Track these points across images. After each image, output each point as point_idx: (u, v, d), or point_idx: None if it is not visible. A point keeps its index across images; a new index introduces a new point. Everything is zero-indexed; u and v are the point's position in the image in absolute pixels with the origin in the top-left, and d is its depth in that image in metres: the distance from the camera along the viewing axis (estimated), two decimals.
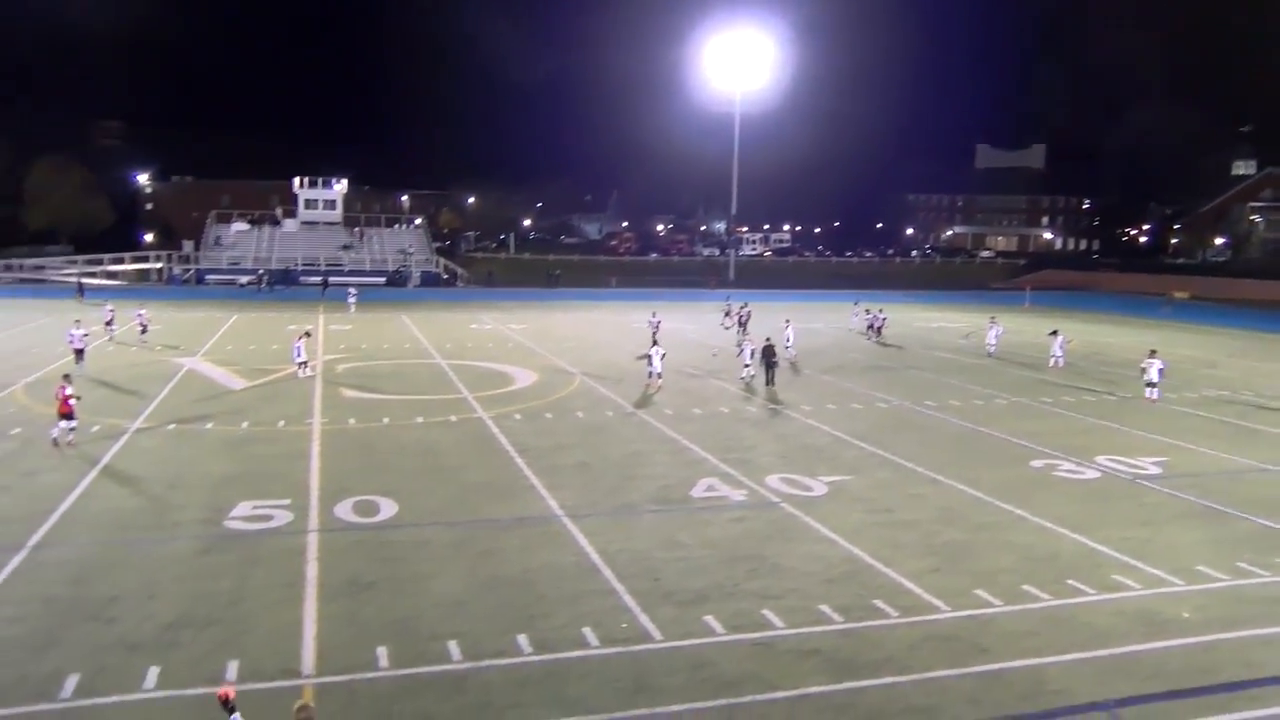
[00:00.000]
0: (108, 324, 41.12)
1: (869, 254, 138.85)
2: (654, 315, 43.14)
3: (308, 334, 34.80)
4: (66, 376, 23.24)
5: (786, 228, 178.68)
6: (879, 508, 18.78)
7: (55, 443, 21.88)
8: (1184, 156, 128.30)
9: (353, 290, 59.43)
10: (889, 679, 11.72)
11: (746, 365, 33.23)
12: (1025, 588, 14.70)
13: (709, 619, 13.30)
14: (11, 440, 22.46)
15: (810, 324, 53.83)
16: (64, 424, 21.82)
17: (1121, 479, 21.30)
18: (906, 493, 19.90)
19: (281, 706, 10.67)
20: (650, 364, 31.62)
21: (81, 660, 11.65)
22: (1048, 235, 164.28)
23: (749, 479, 20.53)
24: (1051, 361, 38.09)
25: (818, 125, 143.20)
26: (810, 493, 19.65)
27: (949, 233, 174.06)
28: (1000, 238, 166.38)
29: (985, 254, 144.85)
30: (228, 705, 8.23)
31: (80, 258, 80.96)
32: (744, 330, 44.47)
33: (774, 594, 14.27)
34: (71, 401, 21.60)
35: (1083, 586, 14.77)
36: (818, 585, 14.67)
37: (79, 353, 32.15)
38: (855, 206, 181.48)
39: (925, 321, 58.45)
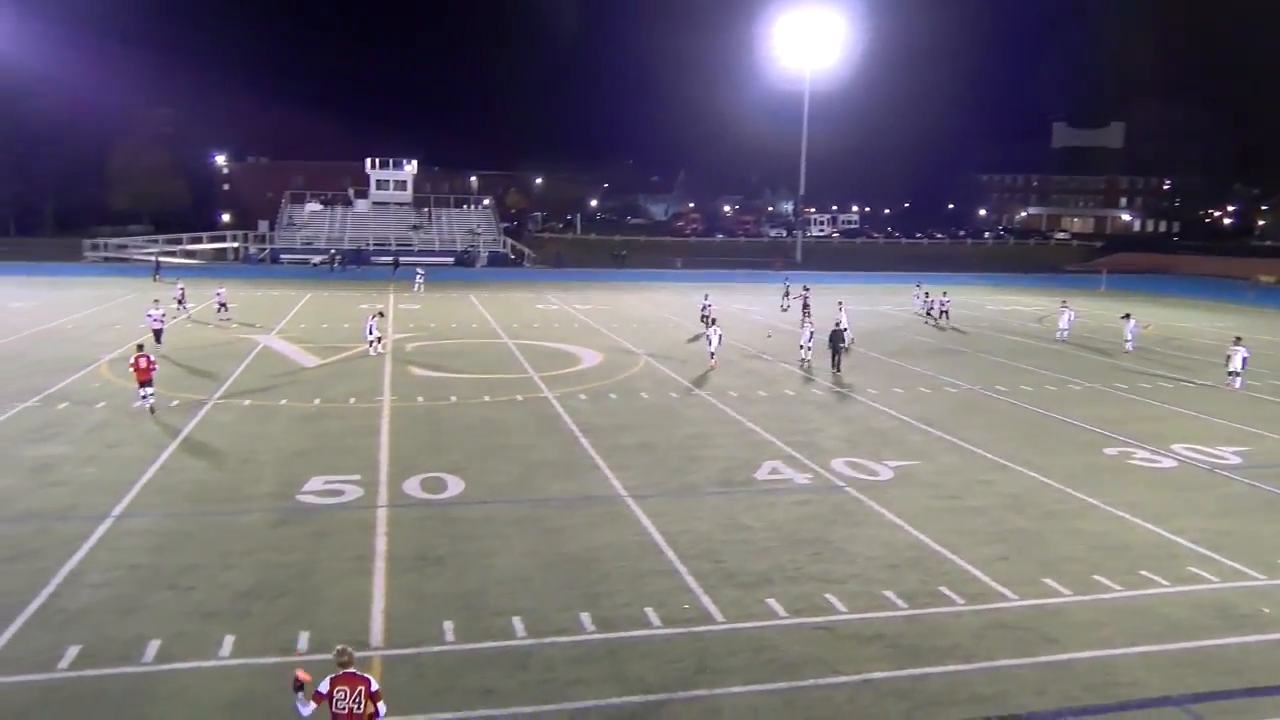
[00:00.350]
0: (179, 302, 42.05)
1: (939, 236, 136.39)
2: (706, 298, 42.81)
3: (381, 313, 35.43)
4: (140, 347, 24.45)
5: (855, 209, 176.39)
6: (946, 493, 18.52)
7: (152, 410, 23.18)
8: (1272, 134, 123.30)
9: (420, 271, 60.27)
10: (953, 666, 11.58)
11: (803, 347, 32.80)
12: (1096, 577, 14.39)
13: (771, 602, 13.27)
14: (98, 413, 23.28)
15: (877, 306, 53.25)
16: (144, 390, 23.14)
17: (1200, 468, 20.69)
18: (974, 479, 19.59)
19: None
20: (709, 344, 31.93)
21: (161, 626, 12.07)
22: (1126, 217, 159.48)
23: (813, 462, 20.40)
24: (1127, 347, 37.16)
25: (888, 104, 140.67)
26: (876, 477, 19.46)
27: (1022, 214, 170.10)
28: (1076, 219, 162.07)
29: (1060, 236, 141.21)
30: (299, 688, 8.38)
31: (160, 237, 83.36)
32: (807, 313, 43.98)
33: (837, 578, 14.18)
34: (150, 370, 23.12)
35: (1156, 578, 14.42)
36: (882, 570, 14.55)
37: (157, 333, 32.62)
38: (925, 187, 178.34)
39: (998, 305, 57.30)
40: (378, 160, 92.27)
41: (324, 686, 8.38)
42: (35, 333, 36.13)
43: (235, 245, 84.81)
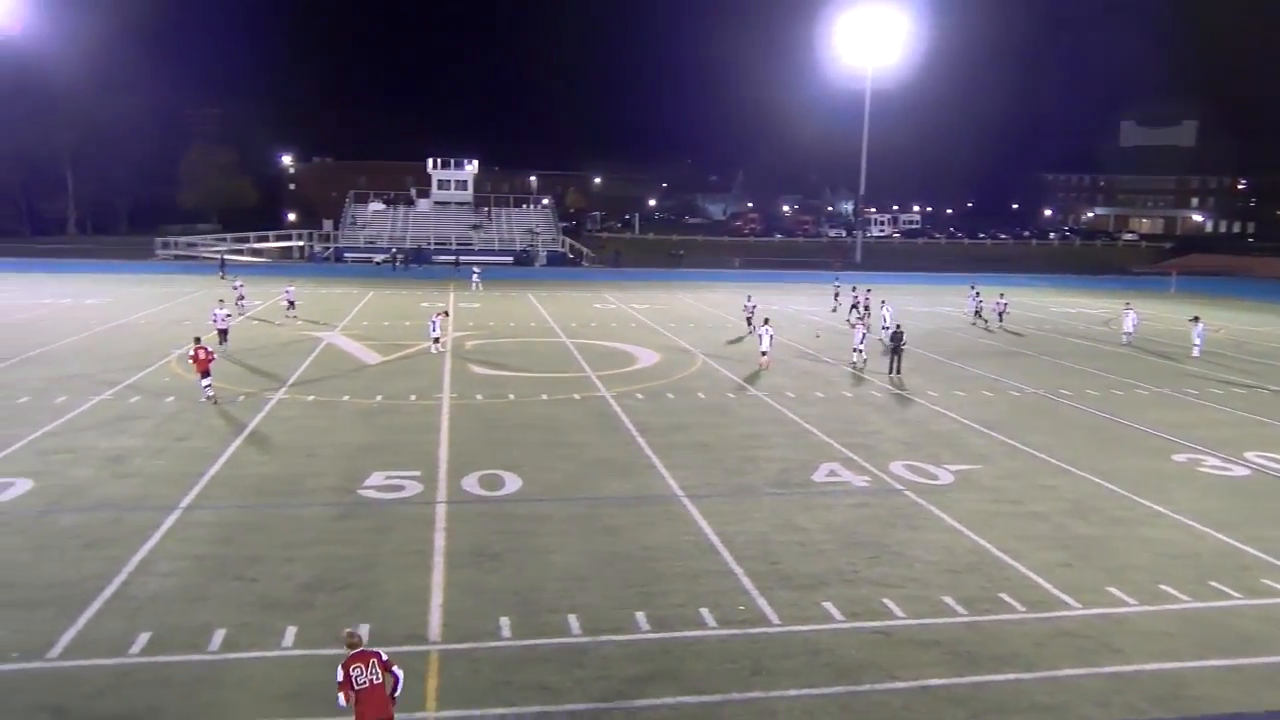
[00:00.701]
0: (239, 300, 42.86)
1: (1003, 236, 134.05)
2: (749, 298, 42.33)
3: (446, 313, 35.87)
4: (197, 340, 25.28)
5: (916, 208, 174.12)
6: (1008, 498, 18.22)
7: (214, 401, 24.17)
8: None
9: (476, 270, 60.83)
10: (1013, 675, 11.40)
11: (857, 350, 32.37)
12: (1162, 587, 14.06)
13: (827, 605, 13.18)
14: (167, 406, 23.92)
15: (938, 307, 52.53)
16: (204, 381, 24.36)
17: (1273, 476, 20.09)
18: (1037, 483, 19.24)
19: (409, 670, 11.11)
20: (761, 343, 31.86)
21: (227, 616, 12.37)
22: (1197, 217, 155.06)
23: (872, 465, 20.20)
24: (1195, 351, 36.21)
25: (951, 101, 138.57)
26: (935, 481, 19.21)
27: (1089, 214, 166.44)
28: (1145, 220, 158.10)
29: (1128, 236, 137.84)
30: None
31: (228, 235, 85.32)
32: (862, 314, 43.51)
33: (895, 582, 14.04)
34: (209, 361, 24.39)
35: (1226, 589, 14.03)
36: (941, 575, 14.36)
37: (222, 333, 32.54)
38: (989, 186, 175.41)
39: (1062, 307, 56.17)
40: (439, 160, 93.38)
41: (340, 673, 8.85)
42: (109, 328, 37.23)
43: (300, 244, 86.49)
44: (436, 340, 33.33)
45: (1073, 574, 14.51)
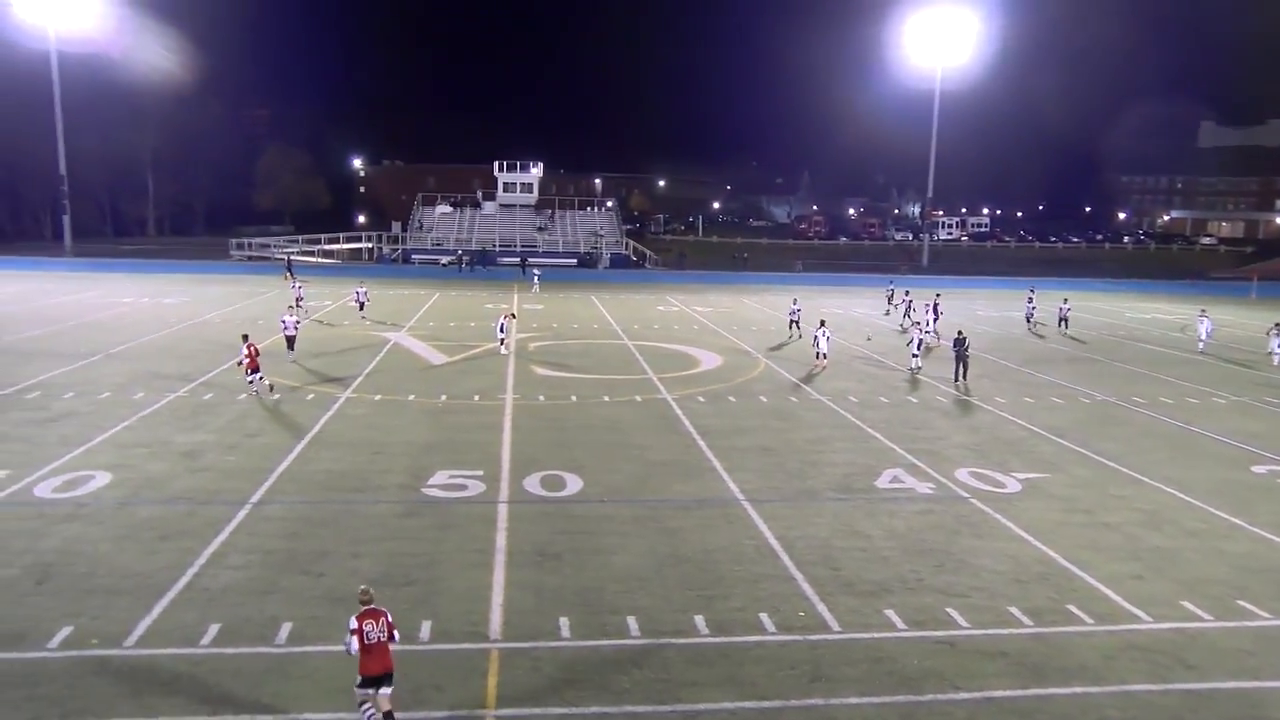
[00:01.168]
0: (298, 300, 42.18)
1: (1075, 239, 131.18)
2: (795, 302, 41.66)
3: (512, 315, 36.22)
4: (245, 336, 26.06)
5: (985, 211, 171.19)
6: (1078, 507, 17.81)
7: (258, 394, 25.19)
8: None
9: (536, 272, 61.37)
10: (1081, 688, 11.13)
11: (915, 355, 31.91)
12: (1240, 602, 13.61)
13: (889, 612, 13.02)
14: (240, 404, 24.53)
15: (1008, 312, 51.55)
16: (251, 377, 25.25)
17: None
18: (1108, 493, 18.78)
19: (470, 667, 11.27)
20: (818, 345, 32.11)
21: (294, 609, 12.64)
22: None
23: (936, 471, 19.90)
24: (1275, 360, 35.00)
25: (1022, 102, 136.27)
26: (1003, 489, 18.86)
27: (1165, 217, 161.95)
28: (1224, 223, 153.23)
29: (1206, 240, 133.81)
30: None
31: (300, 237, 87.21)
32: (908, 317, 43.02)
33: (959, 591, 13.81)
34: (258, 357, 25.42)
35: None
36: (1007, 585, 14.09)
37: (290, 339, 31.14)
38: (1061, 188, 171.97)
39: (1137, 313, 54.72)
40: (505, 163, 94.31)
41: (353, 623, 10.01)
42: (186, 327, 38.31)
43: (369, 245, 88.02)
44: (503, 342, 33.67)
45: (1145, 586, 14.13)
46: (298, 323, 32.07)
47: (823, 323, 33.01)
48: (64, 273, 61.87)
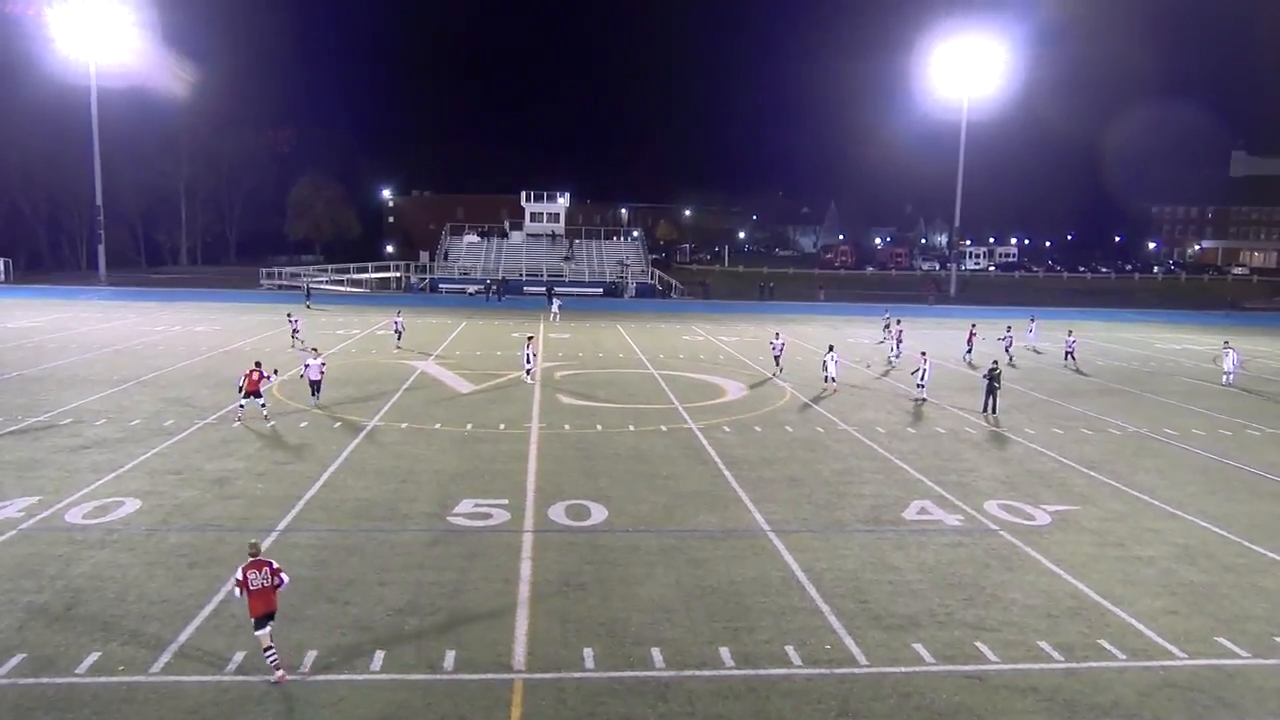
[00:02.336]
0: (293, 333, 41.94)
1: (1104, 269, 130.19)
2: (777, 336, 39.16)
3: (530, 337, 36.34)
4: (258, 363, 26.50)
5: (1014, 241, 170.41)
6: (1110, 541, 17.55)
7: (240, 419, 25.52)
8: None
9: (557, 300, 61.39)
10: None
11: (920, 385, 31.67)
12: (1279, 640, 13.32)
13: (918, 646, 12.85)
14: (269, 431, 24.72)
15: (1056, 345, 51.10)
16: (252, 401, 25.63)
17: None
18: (1142, 526, 18.50)
19: (494, 698, 11.23)
20: (826, 369, 33.31)
21: (320, 637, 12.66)
22: None
23: (966, 503, 19.70)
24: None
25: (1050, 132, 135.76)
26: (1033, 521, 18.63)
27: (1196, 247, 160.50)
28: (1257, 253, 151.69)
29: (1238, 270, 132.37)
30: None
31: (329, 266, 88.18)
32: (898, 346, 42.72)
33: (990, 625, 13.61)
34: (262, 384, 25.83)
35: None
36: (1038, 619, 13.88)
37: (314, 384, 28.50)
38: (1090, 218, 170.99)
39: (1168, 343, 54.11)
40: (532, 193, 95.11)
41: (239, 574, 11.64)
42: (217, 354, 38.73)
43: (398, 275, 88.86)
44: (529, 372, 33.75)
45: (1180, 622, 13.87)
46: (323, 365, 29.08)
47: (831, 347, 34.17)
48: (98, 301, 62.83)
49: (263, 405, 25.85)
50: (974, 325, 45.22)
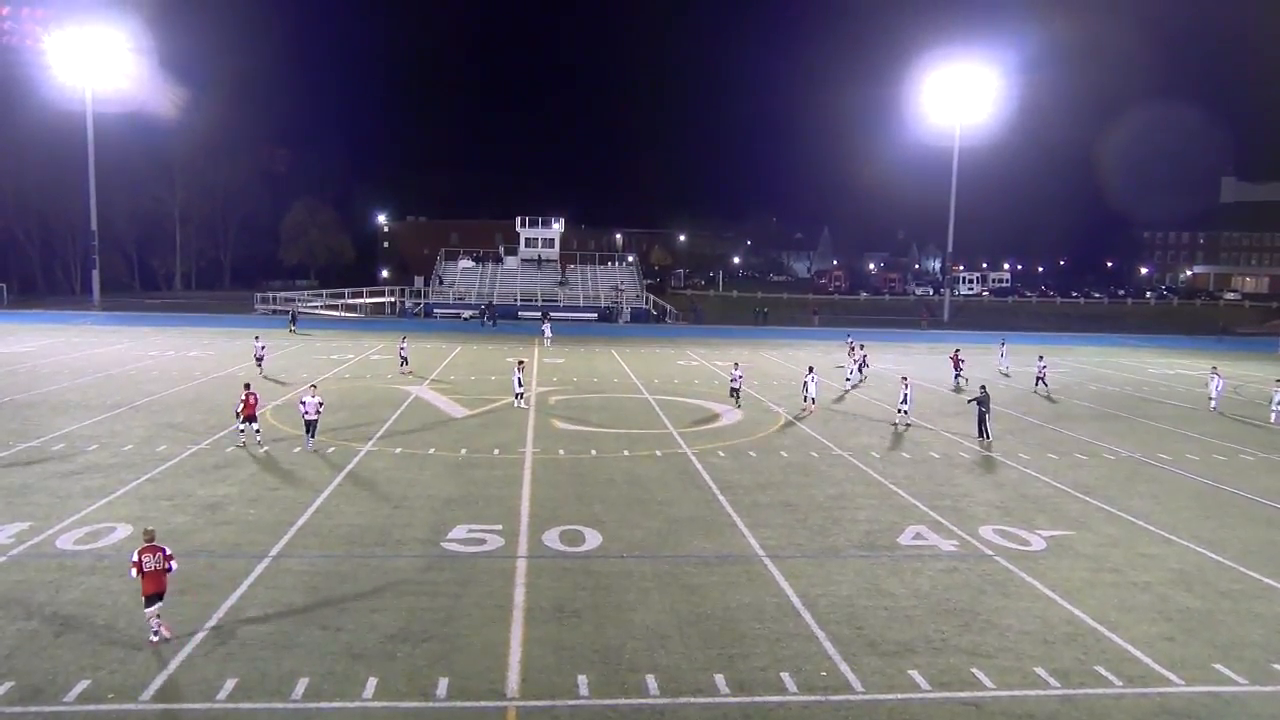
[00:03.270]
0: (258, 359, 41.31)
1: (1097, 295, 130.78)
2: (736, 367, 37.58)
3: (521, 362, 36.27)
4: (247, 385, 26.36)
5: (1006, 266, 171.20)
6: (1105, 566, 17.52)
7: (245, 444, 25.50)
8: None
9: (547, 324, 61.31)
10: None
11: (901, 410, 31.68)
12: (1276, 666, 13.29)
13: (914, 673, 12.79)
14: (262, 457, 24.63)
15: (1028, 368, 51.20)
16: (246, 425, 25.71)
17: None
18: (1137, 551, 18.47)
19: None
20: (807, 390, 33.93)
21: (312, 664, 12.56)
22: None
23: (961, 529, 19.67)
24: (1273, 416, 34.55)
25: (1043, 159, 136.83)
26: (1028, 547, 18.60)
27: (1188, 272, 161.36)
28: (1249, 278, 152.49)
29: (1230, 295, 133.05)
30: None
31: (325, 291, 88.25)
32: (860, 372, 43.14)
33: (985, 652, 13.56)
34: (257, 408, 25.87)
35: None
36: (1034, 646, 13.83)
37: (310, 424, 25.86)
38: (1083, 244, 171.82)
39: (1160, 368, 54.26)
40: (527, 219, 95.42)
41: (135, 556, 13.19)
42: (210, 380, 38.62)
43: (392, 300, 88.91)
44: (520, 395, 33.70)
45: (1176, 648, 13.83)
46: (320, 404, 26.21)
47: (811, 369, 34.98)
48: (92, 326, 62.69)
49: (257, 430, 25.79)
50: (958, 350, 45.26)
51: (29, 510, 19.08)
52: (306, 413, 25.83)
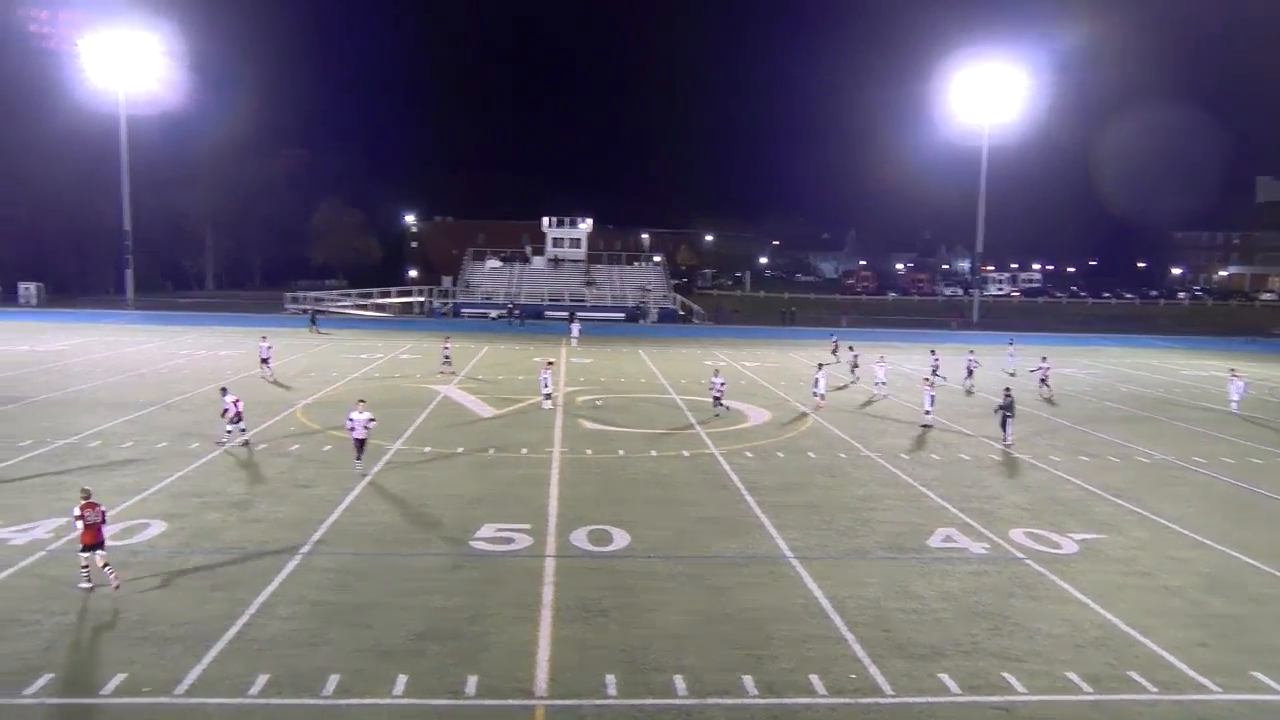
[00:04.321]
0: (263, 360, 39.56)
1: (1128, 295, 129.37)
2: (717, 374, 34.68)
3: (550, 363, 36.41)
4: (224, 389, 26.31)
5: (1037, 266, 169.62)
6: (1137, 570, 17.33)
7: (225, 444, 25.30)
8: None
9: (577, 325, 61.48)
10: None
11: (927, 412, 31.53)
12: None
13: (943, 676, 12.71)
14: (291, 455, 24.85)
15: (1061, 369, 50.75)
16: (233, 427, 25.39)
17: None
18: (1169, 555, 18.26)
19: None
20: (816, 386, 34.97)
21: (341, 661, 12.65)
22: None
23: (990, 531, 19.52)
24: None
25: (1073, 158, 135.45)
26: (1059, 550, 18.43)
27: (1222, 273, 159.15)
28: None
29: (1266, 296, 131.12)
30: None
31: (353, 291, 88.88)
32: (853, 373, 43.78)
33: (1016, 656, 13.45)
34: (239, 407, 25.51)
35: None
36: (1065, 650, 13.71)
37: (359, 443, 23.21)
38: (1114, 244, 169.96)
39: (1194, 370, 53.57)
40: (554, 219, 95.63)
41: (76, 511, 14.89)
42: (240, 378, 38.96)
43: (420, 300, 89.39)
44: (547, 396, 33.77)
45: (1211, 654, 13.66)
46: (370, 421, 23.34)
47: (821, 366, 36.73)
48: (125, 325, 63.49)
49: (243, 430, 25.77)
50: (971, 352, 44.68)
51: (65, 506, 19.30)
52: (355, 431, 23.03)
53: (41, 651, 12.71)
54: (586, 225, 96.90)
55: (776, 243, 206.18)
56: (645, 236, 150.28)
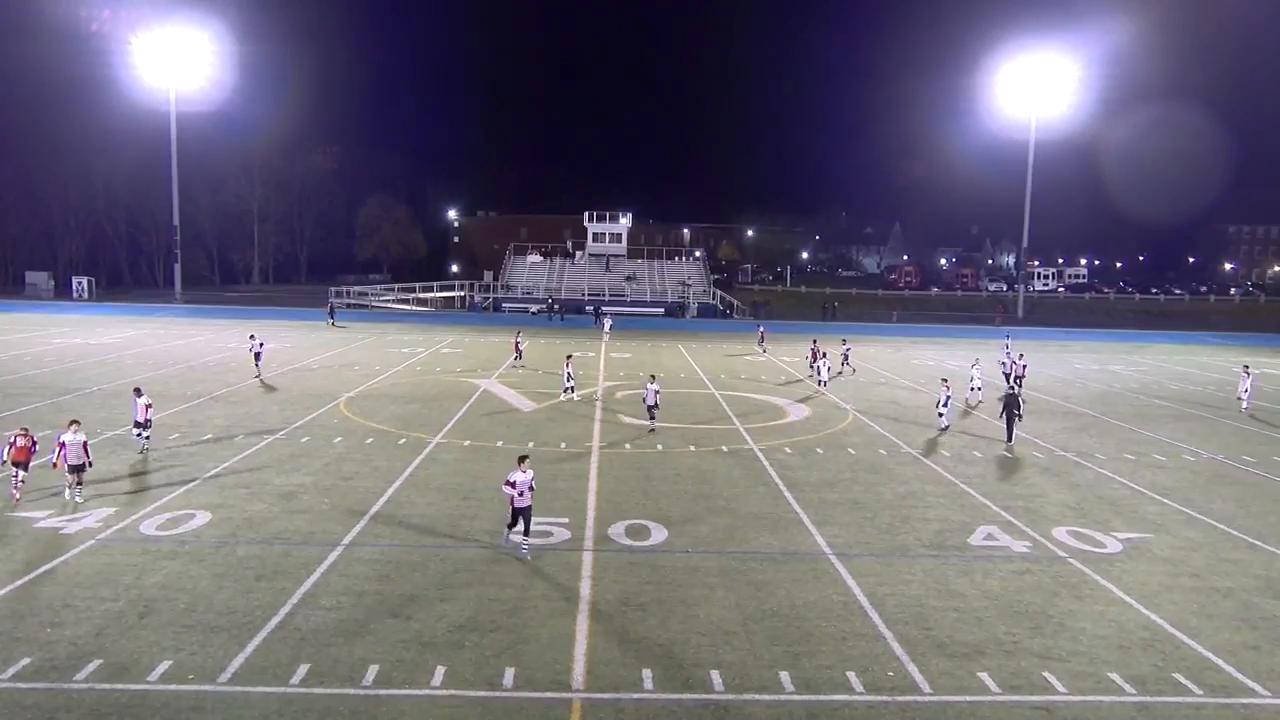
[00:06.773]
0: (255, 354, 38.31)
1: (1178, 291, 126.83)
2: (653, 380, 30.90)
3: (569, 356, 36.36)
4: (138, 389, 24.62)
5: (1083, 261, 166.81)
6: (1185, 571, 17.01)
7: (144, 447, 23.61)
8: None
9: (609, 318, 61.96)
10: None
11: (940, 414, 30.85)
12: None
13: (983, 676, 12.57)
14: (336, 447, 25.16)
15: (1108, 366, 49.95)
16: (140, 432, 23.51)
17: None
18: (1219, 556, 17.89)
19: (552, 718, 11.25)
20: (820, 374, 38.10)
21: (382, 652, 12.80)
22: None
23: (1033, 530, 19.26)
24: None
25: (1122, 150, 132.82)
26: (1103, 549, 18.14)
27: (1277, 268, 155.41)
28: None
29: None
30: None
31: (396, 285, 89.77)
32: (846, 365, 44.36)
33: (1058, 656, 13.27)
34: (150, 414, 23.53)
35: None
36: (1109, 651, 13.49)
37: (522, 514, 17.02)
38: (1164, 239, 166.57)
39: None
40: (595, 214, 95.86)
41: (11, 438, 18.24)
42: (287, 371, 39.58)
43: (462, 294, 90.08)
44: (569, 389, 33.74)
45: (1263, 658, 13.37)
46: (532, 481, 17.08)
47: (825, 354, 39.16)
48: (174, 318, 64.68)
49: (147, 437, 23.77)
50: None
51: (115, 496, 19.78)
52: (521, 498, 16.79)
53: (92, 637, 13.01)
54: (627, 220, 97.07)
55: (819, 237, 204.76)
56: (686, 231, 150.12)
